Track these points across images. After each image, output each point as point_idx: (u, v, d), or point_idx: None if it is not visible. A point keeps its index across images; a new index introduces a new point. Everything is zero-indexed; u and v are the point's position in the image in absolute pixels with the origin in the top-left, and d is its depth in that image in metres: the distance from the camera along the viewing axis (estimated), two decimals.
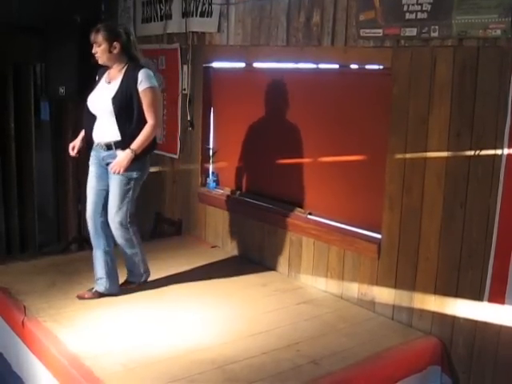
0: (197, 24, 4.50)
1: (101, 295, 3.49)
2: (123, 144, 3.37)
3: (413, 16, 3.06)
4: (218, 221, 4.55)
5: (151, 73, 3.42)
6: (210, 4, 4.34)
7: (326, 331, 3.19)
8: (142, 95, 3.35)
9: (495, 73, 2.79)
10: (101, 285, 3.50)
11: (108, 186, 3.48)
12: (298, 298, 3.63)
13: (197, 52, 4.58)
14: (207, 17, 4.39)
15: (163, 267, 3.95)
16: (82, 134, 3.60)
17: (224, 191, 4.56)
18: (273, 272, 4.05)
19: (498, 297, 2.86)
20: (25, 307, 3.25)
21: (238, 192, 4.47)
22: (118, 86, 3.37)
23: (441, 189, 3.08)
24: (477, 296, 2.95)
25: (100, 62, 3.43)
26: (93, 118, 3.47)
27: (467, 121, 2.93)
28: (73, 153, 3.62)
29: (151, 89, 3.37)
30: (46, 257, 4.43)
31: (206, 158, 4.71)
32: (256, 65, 4.23)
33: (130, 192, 3.46)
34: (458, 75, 2.95)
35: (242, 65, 4.36)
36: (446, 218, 3.07)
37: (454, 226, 3.03)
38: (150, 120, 3.37)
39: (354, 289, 3.56)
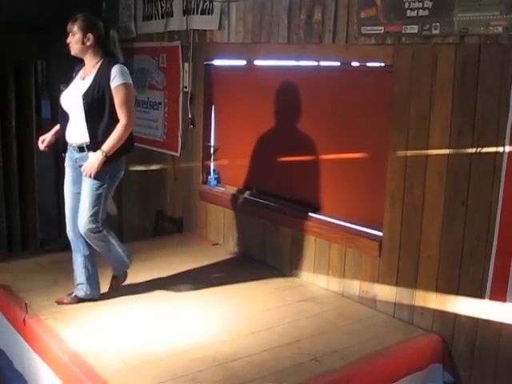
0: (198, 22, 4.50)
1: (80, 300, 3.37)
2: (94, 145, 3.19)
3: (414, 13, 3.06)
4: (219, 218, 4.55)
5: (126, 69, 3.24)
6: (211, 1, 4.34)
7: (327, 329, 3.19)
8: (114, 92, 3.16)
9: (497, 70, 2.78)
10: (81, 290, 3.37)
11: None
12: (299, 295, 3.63)
13: (198, 50, 4.57)
14: (208, 14, 4.39)
15: (164, 265, 3.96)
16: (56, 128, 3.46)
17: (225, 189, 4.56)
18: (274, 270, 4.05)
19: (499, 294, 2.86)
20: (26, 305, 3.26)
21: (239, 190, 4.46)
22: (91, 82, 3.20)
23: (442, 186, 3.07)
24: (478, 294, 2.95)
25: (72, 52, 3.27)
26: (67, 117, 3.31)
27: (469, 118, 2.92)
28: (42, 146, 3.47)
29: (124, 85, 3.18)
30: (48, 254, 4.42)
31: (207, 156, 4.70)
32: (257, 62, 4.22)
33: (102, 197, 3.25)
34: (459, 72, 2.94)
35: (243, 62, 4.35)
36: (448, 216, 3.06)
37: (456, 223, 3.03)
38: (122, 119, 3.17)
39: (355, 286, 3.56)
